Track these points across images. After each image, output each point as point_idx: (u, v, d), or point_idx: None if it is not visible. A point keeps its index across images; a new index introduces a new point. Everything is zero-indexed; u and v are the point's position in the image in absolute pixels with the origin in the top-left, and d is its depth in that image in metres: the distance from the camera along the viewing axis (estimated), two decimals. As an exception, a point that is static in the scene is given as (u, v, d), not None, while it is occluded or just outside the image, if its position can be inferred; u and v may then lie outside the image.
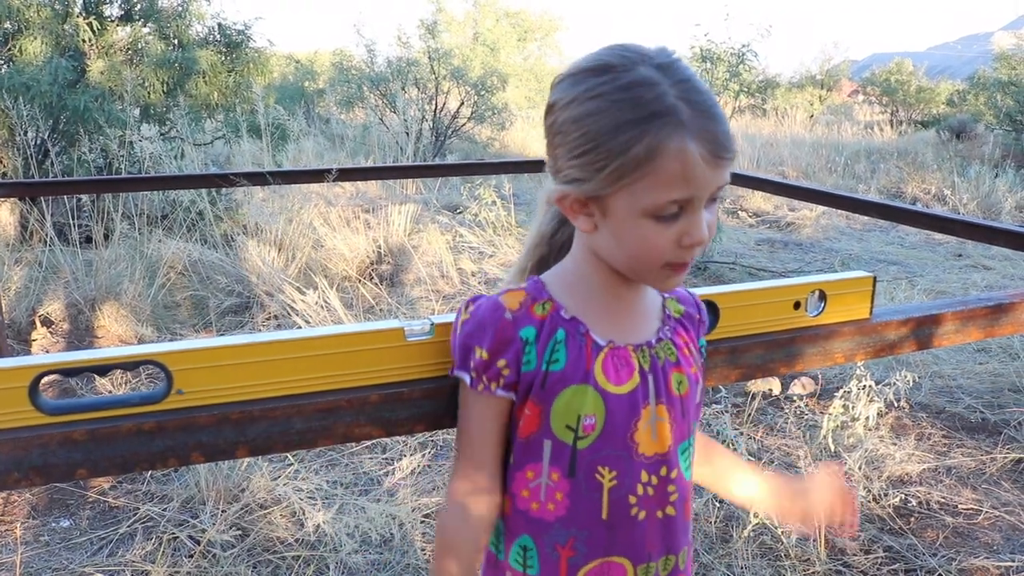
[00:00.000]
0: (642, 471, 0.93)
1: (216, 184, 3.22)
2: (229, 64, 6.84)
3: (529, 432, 0.93)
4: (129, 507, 2.72)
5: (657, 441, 0.94)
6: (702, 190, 0.84)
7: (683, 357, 0.97)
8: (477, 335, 0.90)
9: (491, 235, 6.23)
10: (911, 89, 17.90)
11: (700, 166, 0.83)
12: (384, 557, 2.45)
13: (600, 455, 0.92)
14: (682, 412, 0.96)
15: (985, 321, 1.32)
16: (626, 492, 0.93)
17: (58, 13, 6.10)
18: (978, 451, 3.21)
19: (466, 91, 11.22)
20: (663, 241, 0.86)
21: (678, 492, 0.97)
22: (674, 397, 0.95)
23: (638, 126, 0.82)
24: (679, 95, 0.83)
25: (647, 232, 0.86)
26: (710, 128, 0.83)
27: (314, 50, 18.97)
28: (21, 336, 4.18)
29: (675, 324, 0.99)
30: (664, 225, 0.85)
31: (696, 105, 0.83)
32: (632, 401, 0.92)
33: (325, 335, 0.92)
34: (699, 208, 0.85)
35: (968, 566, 2.48)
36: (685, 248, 0.86)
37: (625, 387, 0.92)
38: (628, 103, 0.83)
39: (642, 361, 0.93)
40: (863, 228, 7.82)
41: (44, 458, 0.82)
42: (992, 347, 4.29)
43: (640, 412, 0.92)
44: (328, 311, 4.28)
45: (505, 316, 0.91)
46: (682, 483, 0.97)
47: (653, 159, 0.82)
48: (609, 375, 0.91)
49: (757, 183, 3.34)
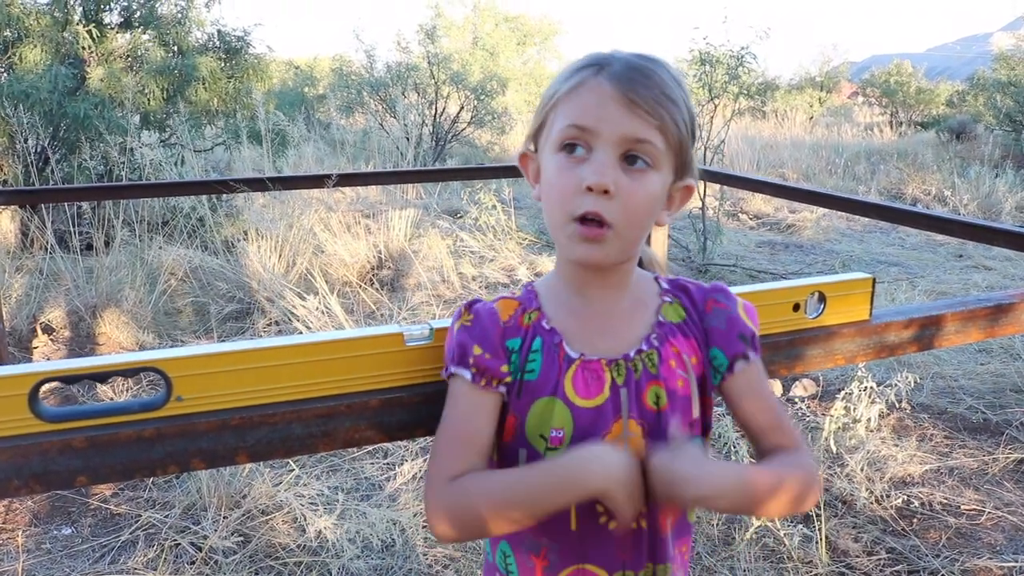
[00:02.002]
0: None
1: (216, 190, 3.23)
2: (229, 70, 6.85)
3: (508, 439, 0.93)
4: (131, 514, 2.71)
5: None
6: (607, 126, 0.85)
7: (666, 370, 0.92)
8: (478, 336, 0.91)
9: (492, 239, 6.23)
10: (910, 90, 17.90)
11: (609, 103, 0.85)
12: (386, 563, 2.45)
13: None
14: (658, 426, 0.91)
15: (986, 321, 1.32)
16: (593, 503, 0.90)
17: (58, 21, 6.11)
18: (980, 452, 3.21)
19: (466, 95, 11.24)
20: (567, 181, 0.87)
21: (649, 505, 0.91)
22: (648, 411, 0.91)
23: (573, 72, 0.90)
24: (622, 57, 0.89)
25: (556, 169, 0.88)
26: (633, 76, 0.86)
27: (314, 56, 18.99)
28: (22, 344, 4.19)
29: (669, 331, 0.94)
30: (570, 163, 0.87)
31: (632, 63, 0.88)
32: (601, 415, 0.90)
33: (324, 341, 0.92)
34: (605, 151, 0.85)
35: (971, 567, 2.48)
36: (586, 192, 0.85)
37: (593, 401, 0.90)
38: (574, 66, 0.91)
39: (615, 375, 0.91)
40: (864, 230, 7.82)
41: (44, 466, 0.82)
42: (994, 347, 4.28)
43: (610, 427, 0.90)
44: (329, 317, 4.28)
45: (500, 324, 0.92)
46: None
47: (569, 93, 0.88)
48: (578, 388, 0.90)
49: (757, 185, 3.35)
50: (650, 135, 0.86)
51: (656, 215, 0.91)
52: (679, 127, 0.88)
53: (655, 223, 0.93)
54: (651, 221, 0.91)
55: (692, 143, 0.92)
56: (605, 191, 0.85)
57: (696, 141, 0.95)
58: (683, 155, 0.90)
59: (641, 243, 0.93)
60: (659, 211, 0.91)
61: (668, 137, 0.87)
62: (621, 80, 0.86)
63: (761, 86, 17.04)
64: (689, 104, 0.91)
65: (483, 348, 0.90)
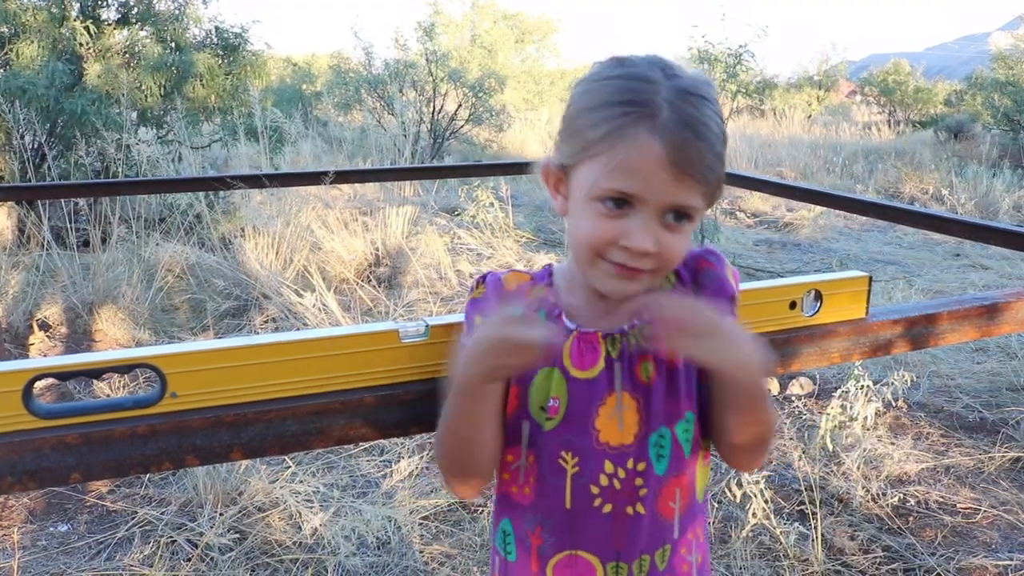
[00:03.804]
0: (605, 461, 0.91)
1: (213, 187, 3.22)
2: (226, 67, 6.84)
3: (512, 411, 0.94)
4: (127, 511, 2.71)
5: (623, 431, 0.91)
6: (654, 194, 0.83)
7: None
8: (484, 306, 0.94)
9: (489, 237, 6.23)
10: (909, 89, 17.92)
11: (658, 168, 0.81)
12: (382, 559, 2.45)
13: (563, 439, 0.92)
14: (649, 400, 0.92)
15: (981, 320, 1.32)
16: (587, 481, 0.91)
17: (55, 17, 6.09)
18: (976, 450, 3.21)
19: (464, 93, 11.22)
20: (601, 231, 0.85)
21: (647, 488, 0.92)
22: (640, 384, 0.92)
23: (616, 107, 0.83)
24: (670, 98, 0.83)
25: (590, 216, 0.86)
26: (685, 137, 0.81)
27: (311, 53, 19.00)
28: (19, 340, 4.18)
29: None
30: (608, 216, 0.85)
31: (682, 113, 0.82)
32: (595, 387, 0.91)
33: (319, 337, 0.91)
34: (648, 214, 0.83)
35: (967, 565, 2.48)
36: (623, 249, 0.84)
37: (589, 372, 0.91)
38: (619, 89, 0.85)
39: (610, 348, 0.92)
40: (861, 228, 7.82)
41: (38, 462, 0.81)
42: (990, 346, 4.29)
43: (604, 398, 0.91)
44: (326, 314, 4.27)
45: (502, 293, 0.95)
46: (653, 477, 0.92)
47: (615, 141, 0.83)
48: (574, 359, 0.91)
49: (755, 183, 3.34)
50: (696, 201, 0.85)
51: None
52: (721, 175, 0.87)
53: None
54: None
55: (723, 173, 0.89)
56: (655, 253, 0.84)
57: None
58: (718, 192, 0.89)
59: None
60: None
61: (712, 193, 0.87)
62: (673, 142, 0.81)
63: (759, 84, 17.07)
64: (725, 132, 0.88)
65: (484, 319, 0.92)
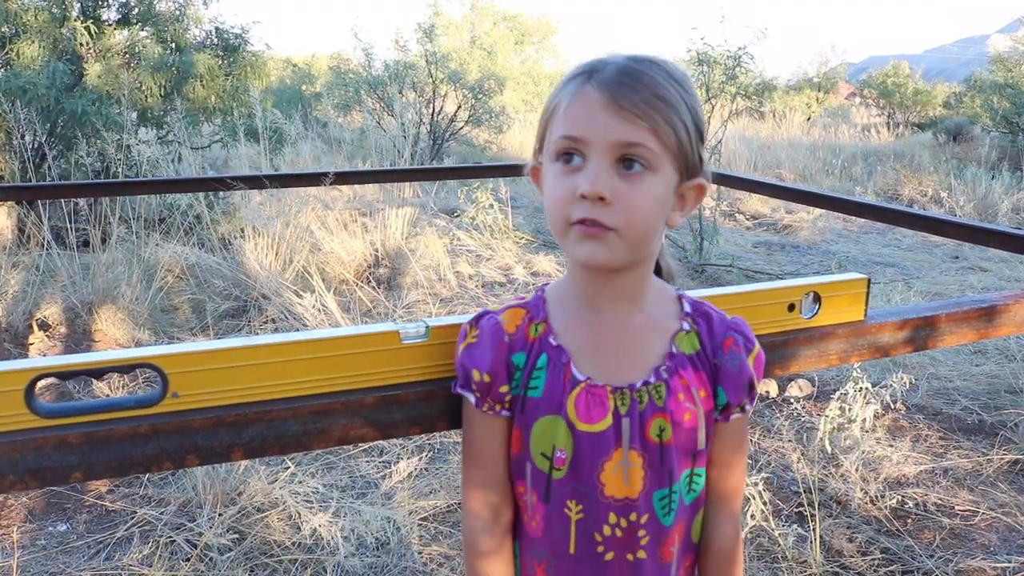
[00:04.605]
0: (610, 513, 0.91)
1: (213, 188, 3.23)
2: (226, 68, 6.85)
3: (516, 451, 0.95)
4: (126, 511, 2.71)
5: (628, 486, 0.91)
6: (597, 133, 0.85)
7: (673, 402, 0.91)
8: (479, 359, 0.91)
9: (488, 238, 6.23)
10: (908, 91, 17.94)
11: (598, 110, 0.85)
12: (381, 560, 2.45)
13: (569, 488, 0.91)
14: (661, 459, 0.91)
15: (980, 323, 1.32)
16: (592, 529, 0.91)
17: (55, 17, 6.10)
18: (975, 452, 3.22)
19: (463, 94, 11.23)
20: (561, 188, 0.87)
21: (650, 536, 0.92)
22: (651, 444, 0.90)
23: (564, 84, 0.91)
24: (615, 61, 0.88)
25: (553, 178, 0.89)
26: (622, 80, 0.85)
27: (312, 54, 19.00)
28: (18, 340, 4.18)
29: (680, 363, 0.93)
30: (566, 173, 0.88)
31: (623, 67, 0.87)
32: (602, 442, 0.89)
33: (320, 338, 0.92)
34: (599, 160, 0.85)
35: (965, 567, 2.49)
36: (581, 200, 0.85)
37: (596, 426, 0.89)
38: (568, 74, 0.92)
39: (619, 404, 0.90)
40: (860, 230, 7.83)
41: (39, 461, 0.82)
42: (988, 349, 4.29)
43: (611, 454, 0.90)
44: (325, 315, 4.28)
45: (504, 340, 0.92)
46: (657, 528, 0.93)
47: (561, 103, 0.89)
48: (580, 412, 0.89)
49: (754, 186, 3.34)
50: (642, 138, 0.84)
51: (663, 217, 0.89)
52: (676, 127, 0.86)
53: (667, 225, 0.91)
54: (656, 223, 0.89)
55: (699, 142, 0.90)
56: (601, 198, 0.84)
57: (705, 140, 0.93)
58: (686, 155, 0.88)
59: (649, 248, 0.91)
60: (667, 212, 0.90)
61: (663, 138, 0.85)
62: (610, 85, 0.85)
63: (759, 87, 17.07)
64: (692, 103, 0.88)
65: (483, 371, 0.91)
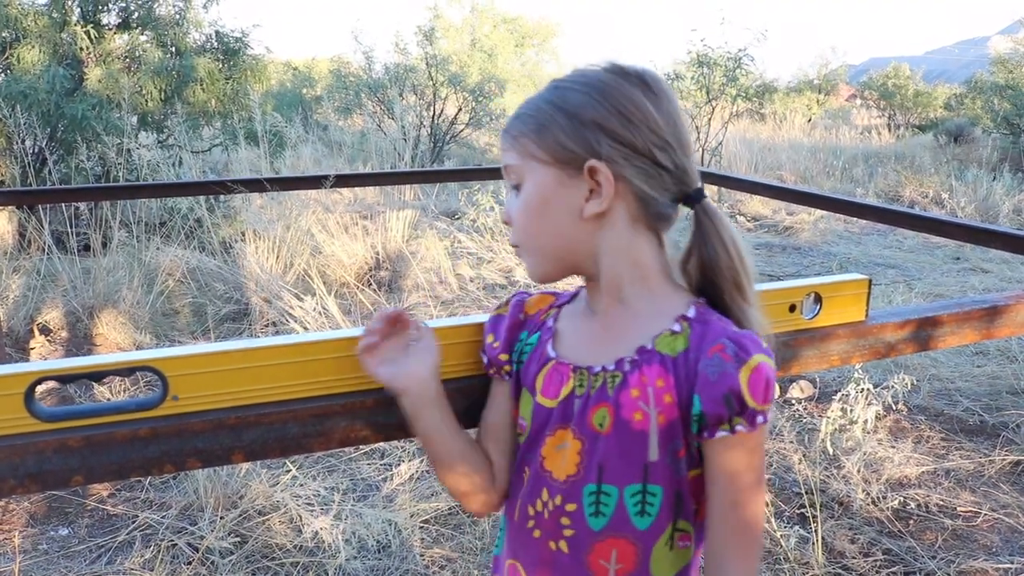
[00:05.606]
0: (543, 488, 0.91)
1: (214, 191, 3.23)
2: (227, 71, 6.85)
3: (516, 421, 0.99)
4: (128, 514, 2.71)
5: (563, 467, 0.89)
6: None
7: (624, 396, 0.85)
8: (493, 326, 0.98)
9: (489, 240, 6.23)
10: (908, 93, 17.93)
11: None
12: (382, 563, 2.45)
13: (523, 455, 0.95)
14: (593, 449, 0.87)
15: (981, 323, 1.32)
16: (527, 502, 0.93)
17: (56, 21, 6.11)
18: (976, 453, 3.21)
19: (464, 97, 11.24)
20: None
21: (574, 531, 0.89)
22: (590, 430, 0.87)
23: None
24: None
25: None
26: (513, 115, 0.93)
27: (312, 57, 19.00)
28: (19, 344, 4.18)
29: (647, 359, 0.86)
30: None
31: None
32: (550, 416, 0.91)
33: (320, 340, 0.92)
34: (509, 189, 0.93)
35: (967, 568, 2.48)
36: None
37: (549, 402, 0.91)
38: None
39: (577, 384, 0.89)
40: (861, 232, 7.83)
41: (40, 465, 0.82)
42: (990, 350, 4.29)
43: (555, 430, 0.90)
44: (326, 318, 4.27)
45: (519, 316, 0.98)
46: (582, 526, 0.88)
47: None
48: (543, 387, 0.92)
49: (755, 187, 3.34)
50: (508, 159, 0.91)
51: (561, 215, 0.88)
52: (538, 130, 0.87)
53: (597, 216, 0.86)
54: (553, 225, 0.88)
55: (580, 128, 0.85)
56: (506, 223, 0.94)
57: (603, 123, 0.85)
58: (562, 146, 0.86)
59: (578, 248, 0.89)
60: (570, 208, 0.87)
61: (524, 148, 0.89)
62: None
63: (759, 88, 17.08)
64: (565, 95, 0.87)
65: (494, 337, 0.97)
